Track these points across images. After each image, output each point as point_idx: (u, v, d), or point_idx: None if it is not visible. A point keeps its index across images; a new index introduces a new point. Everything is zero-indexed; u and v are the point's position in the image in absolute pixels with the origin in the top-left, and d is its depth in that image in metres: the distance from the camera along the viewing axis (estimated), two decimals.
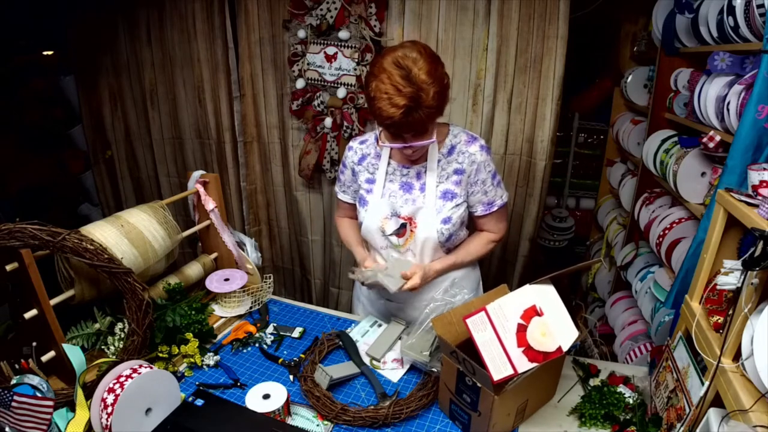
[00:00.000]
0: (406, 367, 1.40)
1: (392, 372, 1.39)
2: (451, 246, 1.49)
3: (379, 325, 1.56)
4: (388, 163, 1.46)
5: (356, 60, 2.25)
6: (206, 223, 1.72)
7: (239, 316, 1.66)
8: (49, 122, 3.01)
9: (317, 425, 1.20)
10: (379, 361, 1.41)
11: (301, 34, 2.28)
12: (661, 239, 1.78)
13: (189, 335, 1.42)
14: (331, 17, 2.21)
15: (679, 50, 1.88)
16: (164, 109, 2.82)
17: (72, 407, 1.17)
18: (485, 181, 1.42)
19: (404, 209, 1.42)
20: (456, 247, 1.51)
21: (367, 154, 1.50)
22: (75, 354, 1.16)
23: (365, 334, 1.53)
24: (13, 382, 1.08)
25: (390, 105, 1.18)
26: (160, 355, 1.37)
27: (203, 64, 2.55)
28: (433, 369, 1.30)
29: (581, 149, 3.37)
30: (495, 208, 1.47)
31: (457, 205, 1.42)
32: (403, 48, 1.22)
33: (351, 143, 1.55)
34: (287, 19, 2.31)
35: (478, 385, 1.08)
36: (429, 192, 1.40)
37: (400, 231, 1.43)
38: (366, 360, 1.42)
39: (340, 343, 1.48)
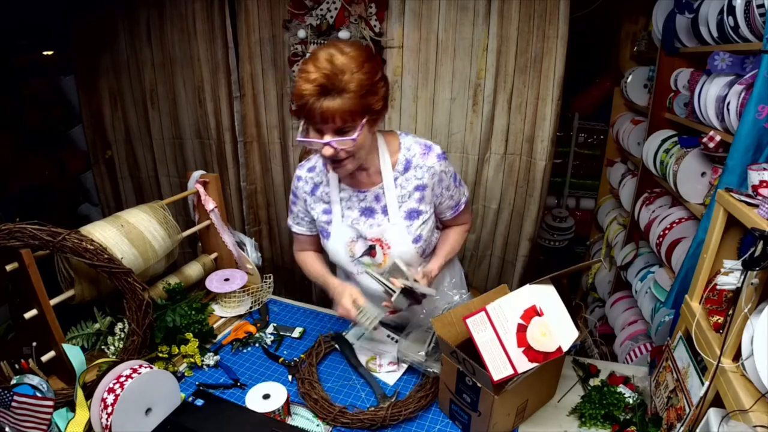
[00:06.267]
0: (402, 369, 1.39)
1: (388, 375, 1.38)
2: (429, 252, 1.46)
3: (375, 328, 1.55)
4: (342, 189, 1.37)
5: None
6: (206, 223, 1.72)
7: (239, 316, 1.66)
8: (49, 122, 3.00)
9: (317, 425, 1.20)
10: (376, 364, 1.41)
11: (301, 34, 2.29)
12: (661, 239, 1.78)
13: (189, 335, 1.42)
14: (331, 17, 2.21)
15: (679, 50, 1.88)
16: (164, 109, 2.82)
17: (72, 407, 1.17)
18: (449, 187, 1.38)
19: (369, 233, 1.35)
20: (436, 247, 1.48)
21: (319, 183, 1.40)
22: (75, 354, 1.16)
23: (361, 337, 1.52)
24: (13, 382, 1.08)
25: (305, 81, 1.10)
26: (160, 355, 1.37)
27: (203, 64, 2.55)
28: (429, 369, 1.29)
29: (581, 149, 3.37)
30: (462, 207, 1.45)
31: (425, 222, 1.36)
32: (341, 42, 1.17)
33: (298, 172, 1.43)
34: (287, 19, 2.31)
35: (478, 385, 1.08)
36: (392, 211, 1.33)
37: (370, 252, 1.38)
38: (363, 361, 1.42)
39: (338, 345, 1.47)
